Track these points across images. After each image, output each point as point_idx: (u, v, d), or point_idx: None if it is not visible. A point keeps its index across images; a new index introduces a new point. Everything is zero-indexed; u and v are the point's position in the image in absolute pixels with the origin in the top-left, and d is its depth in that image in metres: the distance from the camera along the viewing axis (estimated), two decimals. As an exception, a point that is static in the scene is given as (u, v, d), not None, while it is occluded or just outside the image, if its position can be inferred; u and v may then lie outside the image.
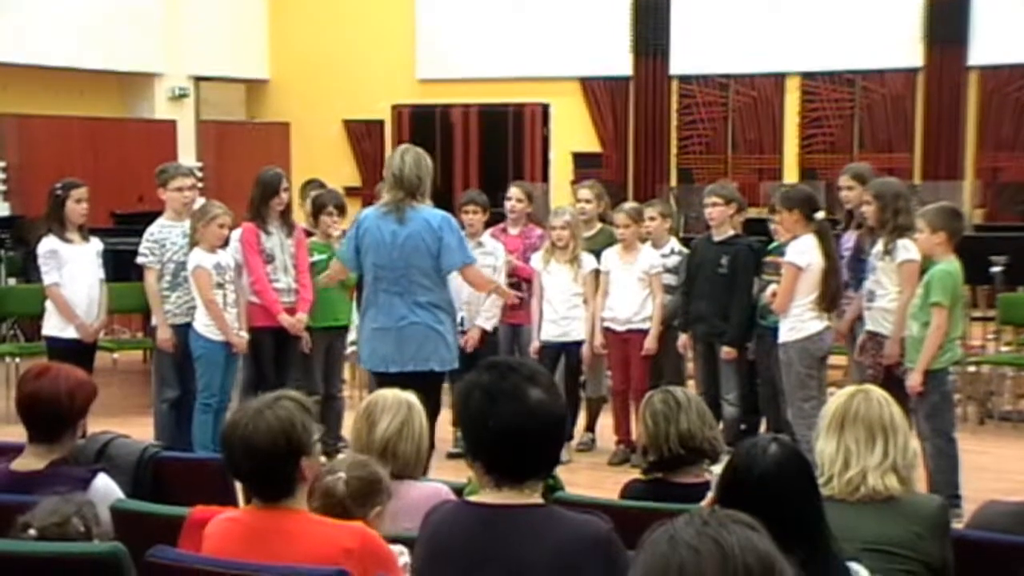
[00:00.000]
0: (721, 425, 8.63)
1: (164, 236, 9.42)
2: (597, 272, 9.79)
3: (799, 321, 8.59)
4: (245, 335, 9.29)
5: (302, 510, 4.03)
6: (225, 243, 9.28)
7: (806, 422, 8.23)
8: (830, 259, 8.57)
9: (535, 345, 9.85)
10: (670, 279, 9.79)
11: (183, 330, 9.29)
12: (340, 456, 4.41)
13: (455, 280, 9.57)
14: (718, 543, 2.05)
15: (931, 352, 8.00)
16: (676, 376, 9.57)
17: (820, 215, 8.71)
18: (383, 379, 7.96)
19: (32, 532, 4.07)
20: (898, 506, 4.40)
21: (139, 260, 9.46)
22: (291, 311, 9.42)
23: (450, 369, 8.12)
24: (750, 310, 9.30)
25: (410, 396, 5.04)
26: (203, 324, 9.15)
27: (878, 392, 4.63)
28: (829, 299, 8.60)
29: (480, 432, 3.63)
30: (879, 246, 8.59)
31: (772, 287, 8.83)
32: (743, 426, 9.37)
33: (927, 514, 4.43)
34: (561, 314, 9.79)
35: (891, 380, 7.97)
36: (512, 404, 3.54)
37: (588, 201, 10.44)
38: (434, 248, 7.84)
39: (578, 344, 9.83)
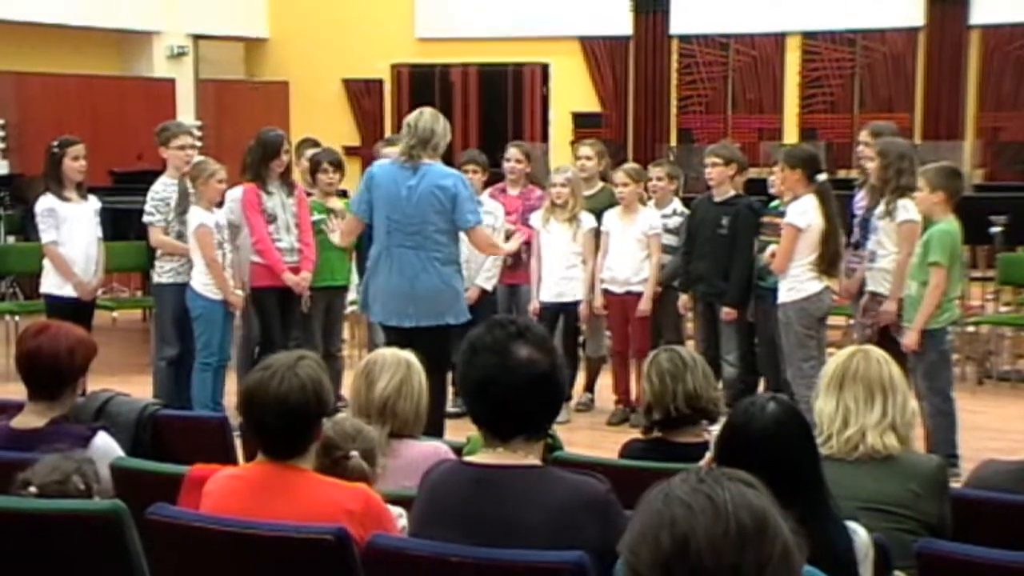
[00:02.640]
0: (721, 385, 8.64)
1: (168, 195, 9.42)
2: (596, 231, 9.77)
3: (798, 282, 8.59)
4: (241, 294, 9.29)
5: (308, 469, 4.05)
6: (220, 203, 9.29)
7: (805, 382, 8.24)
8: (830, 221, 8.56)
9: (534, 305, 9.85)
10: (671, 240, 9.77)
11: (183, 289, 9.28)
12: (334, 421, 4.41)
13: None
14: (711, 499, 2.05)
15: (928, 311, 8.01)
16: (675, 336, 9.57)
17: (822, 177, 8.70)
18: (396, 333, 7.96)
19: (32, 489, 4.08)
20: (896, 465, 4.41)
21: (145, 219, 9.47)
22: (295, 270, 9.41)
23: (463, 321, 8.15)
24: (750, 270, 9.29)
25: (409, 355, 5.04)
26: (201, 283, 9.15)
27: (877, 352, 4.65)
28: (828, 261, 8.60)
29: (463, 385, 3.68)
30: (881, 206, 8.59)
31: (771, 248, 8.82)
32: (741, 386, 9.38)
33: (925, 473, 4.45)
34: (560, 274, 9.78)
35: (887, 340, 7.98)
36: (490, 357, 3.55)
37: (589, 158, 10.40)
38: (448, 204, 7.85)
39: (576, 304, 9.82)
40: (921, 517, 4.33)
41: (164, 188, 9.48)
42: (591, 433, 9.35)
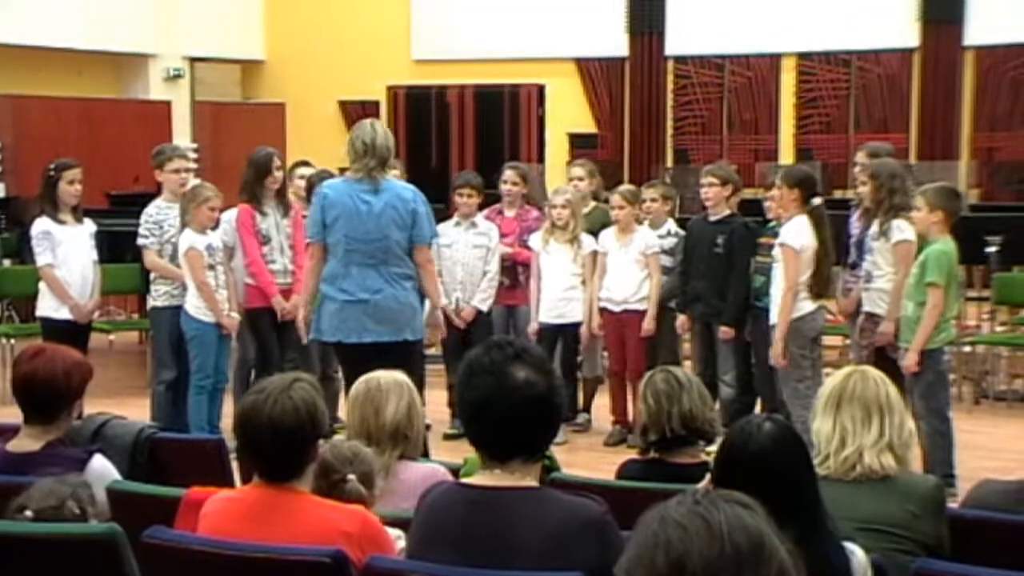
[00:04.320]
0: (717, 405, 8.63)
1: (162, 218, 9.44)
2: (596, 253, 9.77)
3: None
4: (236, 316, 9.29)
5: (305, 491, 4.06)
6: (215, 225, 9.28)
7: (801, 402, 8.25)
8: (823, 243, 8.54)
9: (533, 327, 9.85)
10: (667, 261, 9.78)
11: (178, 312, 9.27)
12: (331, 444, 4.42)
13: (448, 261, 9.65)
14: (706, 521, 2.05)
15: (927, 332, 8.01)
16: (671, 356, 9.57)
17: (818, 200, 8.69)
18: (353, 351, 7.79)
19: (28, 514, 4.08)
20: (894, 485, 4.41)
21: (139, 242, 9.48)
22: (288, 292, 9.39)
23: (421, 337, 8.09)
24: (747, 290, 9.29)
25: (404, 376, 5.03)
26: (194, 306, 9.14)
27: (874, 372, 4.64)
28: (822, 282, 8.59)
29: (461, 407, 3.70)
30: (875, 227, 8.61)
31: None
32: (738, 406, 9.37)
33: (923, 493, 4.44)
34: (559, 295, 9.78)
35: (883, 360, 7.98)
36: (487, 380, 3.54)
37: (581, 179, 10.44)
38: (408, 220, 7.79)
39: (576, 325, 9.82)
40: (919, 538, 4.32)
41: (158, 211, 9.49)
42: (589, 454, 9.33)
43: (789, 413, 8.30)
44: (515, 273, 10.09)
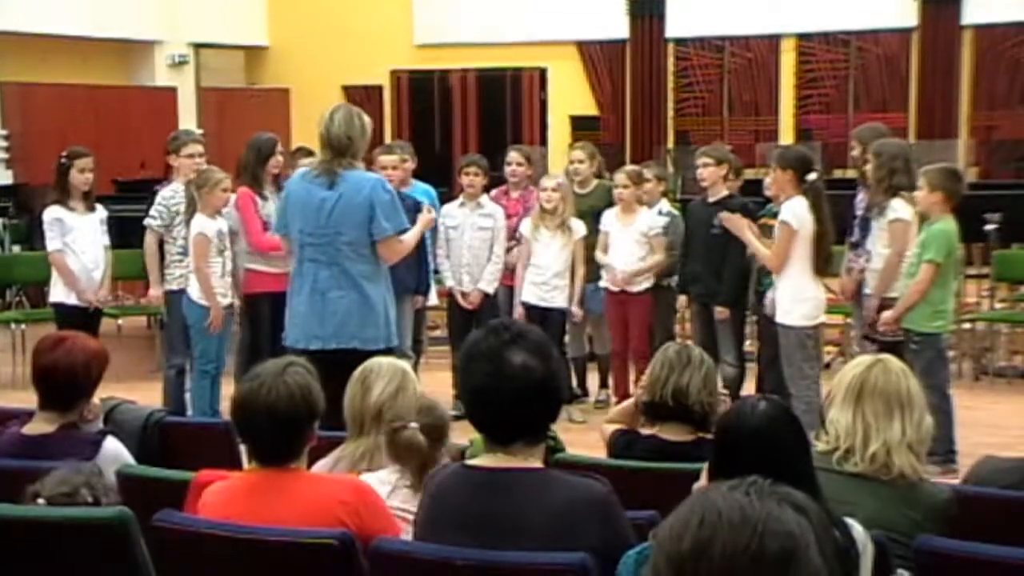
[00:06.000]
0: (721, 384, 8.65)
1: (178, 201, 9.42)
2: (585, 238, 9.77)
3: (794, 283, 8.51)
4: (236, 302, 9.34)
5: (301, 468, 4.15)
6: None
7: (805, 383, 8.28)
8: (822, 223, 8.43)
9: (519, 310, 9.78)
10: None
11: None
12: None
13: (454, 243, 9.70)
14: (744, 513, 1.92)
15: (909, 302, 8.11)
16: (666, 335, 9.59)
17: (813, 176, 8.66)
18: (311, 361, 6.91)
19: (41, 501, 4.13)
20: (913, 491, 4.35)
21: (146, 221, 9.49)
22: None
23: (382, 348, 7.08)
24: (742, 271, 9.31)
25: (404, 363, 5.06)
26: (197, 292, 9.15)
27: (896, 363, 4.54)
28: (823, 262, 8.58)
29: (462, 391, 3.71)
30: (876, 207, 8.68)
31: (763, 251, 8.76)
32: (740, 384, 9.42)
33: (934, 504, 4.35)
34: (545, 279, 9.72)
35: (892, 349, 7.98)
36: (485, 365, 3.55)
37: (581, 161, 10.45)
38: (365, 214, 7.22)
39: (560, 310, 9.74)
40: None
41: (174, 195, 9.46)
42: (594, 433, 9.35)
43: (790, 393, 8.32)
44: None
